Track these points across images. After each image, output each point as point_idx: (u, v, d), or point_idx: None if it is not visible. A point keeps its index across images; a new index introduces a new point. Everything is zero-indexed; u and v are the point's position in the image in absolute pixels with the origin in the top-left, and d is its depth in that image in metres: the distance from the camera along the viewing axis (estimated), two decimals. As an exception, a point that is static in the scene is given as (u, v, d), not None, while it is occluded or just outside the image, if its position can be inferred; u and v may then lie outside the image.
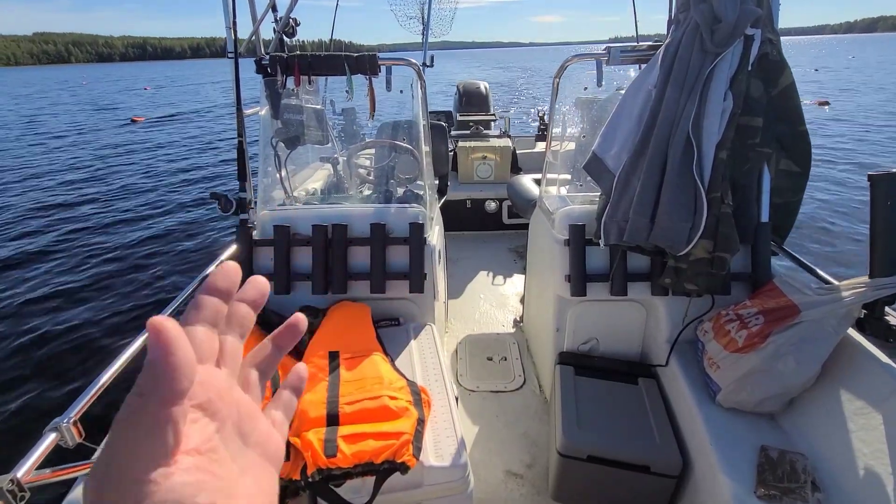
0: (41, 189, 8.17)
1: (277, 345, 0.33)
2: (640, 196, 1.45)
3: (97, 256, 5.25)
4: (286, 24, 2.15)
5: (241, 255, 1.78)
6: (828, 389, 1.26)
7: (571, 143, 2.12)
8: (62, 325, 3.87)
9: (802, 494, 1.08)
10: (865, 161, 7.56)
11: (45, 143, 12.63)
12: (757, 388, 1.30)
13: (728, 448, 1.25)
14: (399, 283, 1.79)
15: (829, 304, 1.24)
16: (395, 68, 1.86)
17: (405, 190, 2.29)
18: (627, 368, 1.76)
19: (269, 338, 0.33)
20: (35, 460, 0.92)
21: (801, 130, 1.55)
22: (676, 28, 1.49)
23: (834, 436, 1.19)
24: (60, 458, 0.99)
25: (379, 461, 1.10)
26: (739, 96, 1.40)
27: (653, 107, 1.48)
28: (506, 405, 2.09)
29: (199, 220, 6.43)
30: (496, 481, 1.72)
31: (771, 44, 1.44)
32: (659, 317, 1.71)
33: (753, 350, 1.30)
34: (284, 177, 2.10)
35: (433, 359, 1.61)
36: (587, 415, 1.53)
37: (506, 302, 2.99)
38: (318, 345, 1.54)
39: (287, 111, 1.99)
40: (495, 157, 3.95)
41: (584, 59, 1.87)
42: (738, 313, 1.44)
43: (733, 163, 1.46)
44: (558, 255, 1.75)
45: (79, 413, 1.04)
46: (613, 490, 1.47)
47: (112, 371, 1.19)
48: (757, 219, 1.58)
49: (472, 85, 5.16)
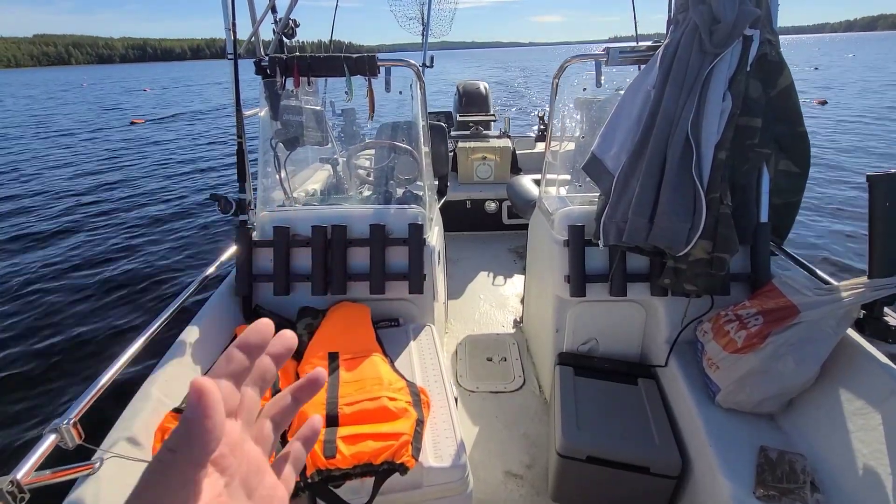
0: (45, 191, 8.18)
1: (296, 397, 0.34)
2: (639, 197, 1.45)
3: (96, 258, 5.25)
4: (286, 25, 2.15)
5: (240, 257, 1.78)
6: (827, 390, 1.26)
7: (571, 144, 2.12)
8: (62, 326, 3.87)
9: (801, 495, 1.08)
10: (865, 161, 7.57)
11: (40, 145, 12.62)
12: (756, 389, 1.30)
13: (727, 449, 1.25)
14: (398, 283, 1.79)
15: (829, 305, 1.24)
16: (395, 69, 1.87)
17: (404, 191, 2.29)
18: (627, 369, 1.76)
19: (288, 390, 0.34)
20: (35, 461, 0.92)
21: (801, 131, 1.55)
22: (675, 29, 1.49)
23: (833, 436, 1.19)
24: (60, 459, 1.00)
25: (378, 462, 1.10)
26: (738, 97, 1.40)
27: (652, 107, 1.48)
28: (505, 406, 2.09)
29: (198, 222, 6.43)
30: (496, 482, 1.72)
31: (770, 44, 1.44)
32: (658, 317, 1.71)
33: (753, 350, 1.30)
34: (284, 178, 2.10)
35: (433, 359, 1.61)
36: (587, 415, 1.53)
37: (505, 302, 2.99)
38: (317, 345, 1.54)
39: (286, 112, 1.99)
40: (495, 158, 3.95)
41: (583, 59, 1.87)
42: (738, 314, 1.44)
43: (732, 163, 1.46)
44: (558, 255, 1.75)
45: (78, 414, 1.04)
46: (613, 491, 1.47)
47: (112, 372, 1.19)
48: (756, 219, 1.58)
49: (472, 85, 5.16)
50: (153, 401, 1.25)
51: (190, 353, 1.45)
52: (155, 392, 1.27)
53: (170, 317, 1.48)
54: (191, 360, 1.45)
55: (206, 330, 1.55)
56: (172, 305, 1.53)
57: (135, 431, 1.15)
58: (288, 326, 1.82)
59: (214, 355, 1.55)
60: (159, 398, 1.27)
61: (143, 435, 1.17)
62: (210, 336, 1.57)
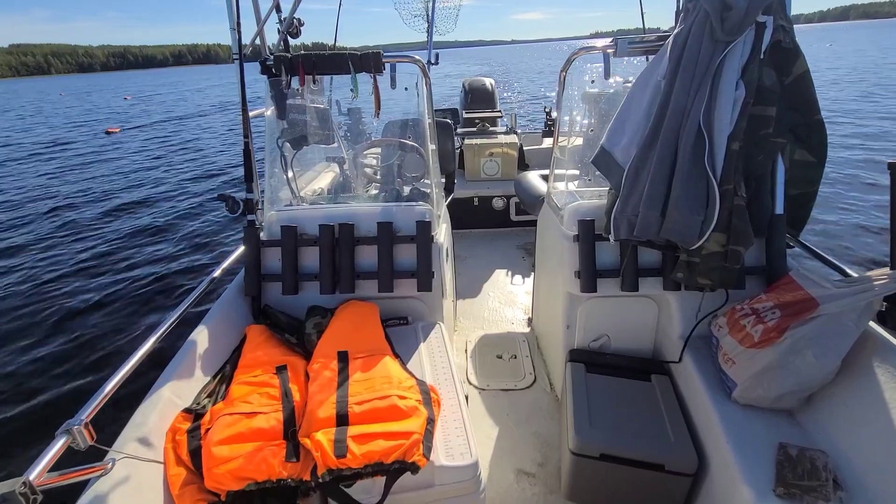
0: (52, 196, 8.30)
1: None
2: (650, 190, 1.42)
3: (104, 262, 5.31)
4: (290, 24, 2.15)
5: (248, 257, 1.78)
6: (848, 385, 1.22)
7: (579, 139, 2.10)
8: (72, 329, 3.93)
9: (824, 493, 1.05)
10: (885, 148, 7.39)
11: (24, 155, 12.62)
12: (774, 384, 1.26)
13: (745, 446, 1.22)
14: (407, 281, 1.78)
15: (849, 297, 1.20)
16: (400, 66, 1.85)
17: (412, 188, 2.28)
18: (640, 365, 1.73)
19: None
20: (47, 463, 0.92)
21: (817, 119, 1.51)
22: (685, 17, 1.46)
23: (855, 432, 1.16)
24: (73, 460, 1.00)
25: (389, 461, 1.09)
26: (752, 85, 1.36)
27: (662, 98, 1.45)
28: (516, 403, 2.07)
29: (206, 222, 6.48)
30: (508, 481, 1.71)
31: (784, 31, 1.40)
32: (671, 312, 1.68)
33: (770, 345, 1.27)
34: (291, 177, 2.10)
35: (442, 357, 1.60)
36: (599, 413, 1.50)
37: (515, 299, 2.97)
38: (326, 344, 1.53)
39: (292, 111, 1.99)
40: (502, 154, 3.92)
41: (590, 52, 1.84)
42: (754, 307, 1.40)
43: (746, 154, 1.42)
44: (567, 251, 1.72)
45: (90, 415, 1.04)
46: (628, 489, 1.45)
47: (123, 373, 1.20)
48: (771, 211, 1.55)
49: (478, 82, 5.13)
50: (164, 401, 1.25)
51: (200, 353, 1.46)
52: (166, 393, 1.27)
53: (179, 318, 1.48)
54: (201, 361, 1.45)
55: (215, 330, 1.55)
56: (182, 306, 1.53)
57: (146, 432, 1.15)
58: (296, 326, 1.81)
59: (224, 356, 1.55)
60: (170, 399, 1.27)
61: (155, 435, 1.17)
62: (219, 336, 1.57)
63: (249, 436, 1.16)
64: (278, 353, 1.53)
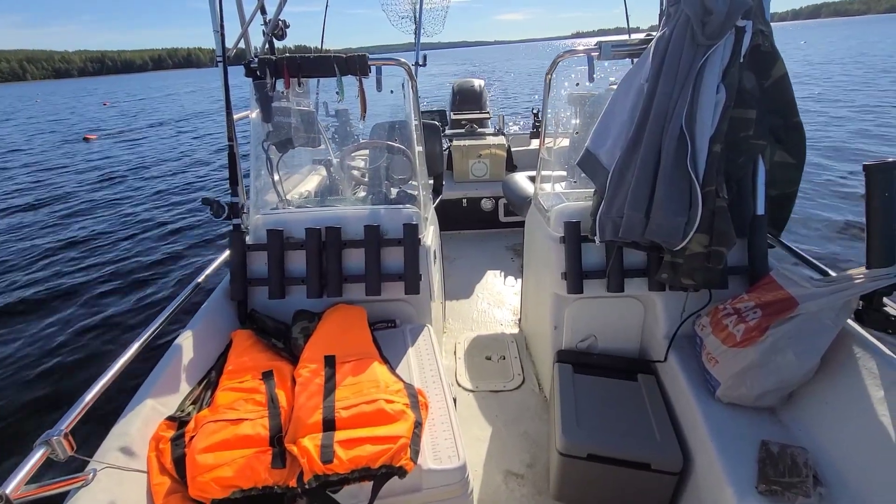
0: (49, 199, 8.13)
1: None
2: (634, 191, 1.44)
3: (87, 267, 5.21)
4: (275, 25, 2.13)
5: (234, 261, 1.76)
6: (827, 382, 1.25)
7: (566, 140, 2.11)
8: (52, 336, 3.84)
9: (804, 489, 1.07)
10: (861, 150, 7.57)
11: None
12: (756, 383, 1.29)
13: (728, 444, 1.24)
14: (394, 284, 1.77)
15: (827, 297, 1.23)
16: (386, 68, 1.85)
17: (399, 191, 2.27)
18: (626, 365, 1.75)
19: None
20: (24, 475, 0.90)
21: (795, 121, 1.54)
22: (667, 21, 1.48)
23: (835, 429, 1.18)
24: (53, 472, 0.98)
25: (376, 466, 1.09)
26: (732, 89, 1.39)
27: (645, 101, 1.47)
28: (505, 405, 2.08)
29: (191, 227, 6.39)
30: (496, 482, 1.71)
31: (762, 35, 1.43)
32: (657, 312, 1.70)
33: (752, 344, 1.29)
34: (277, 180, 2.08)
35: (430, 360, 1.60)
36: (587, 413, 1.52)
37: (504, 300, 2.98)
38: (313, 349, 1.52)
39: (277, 114, 1.97)
40: (490, 155, 3.93)
41: (575, 54, 1.86)
42: (736, 307, 1.43)
43: (728, 156, 1.45)
44: (554, 252, 1.74)
45: (70, 425, 1.02)
46: (615, 488, 1.46)
47: (105, 381, 1.18)
48: (753, 212, 1.57)
49: (467, 83, 5.14)
50: (147, 409, 1.23)
51: (184, 360, 1.44)
52: (149, 400, 1.25)
53: (163, 323, 1.46)
54: (186, 368, 1.43)
55: (200, 336, 1.53)
56: (166, 312, 1.51)
57: (129, 441, 1.13)
58: (283, 330, 1.79)
59: (209, 362, 1.53)
60: (154, 406, 1.25)
61: (138, 444, 1.15)
62: (205, 342, 1.55)
63: (235, 443, 1.15)
64: (265, 358, 1.51)
